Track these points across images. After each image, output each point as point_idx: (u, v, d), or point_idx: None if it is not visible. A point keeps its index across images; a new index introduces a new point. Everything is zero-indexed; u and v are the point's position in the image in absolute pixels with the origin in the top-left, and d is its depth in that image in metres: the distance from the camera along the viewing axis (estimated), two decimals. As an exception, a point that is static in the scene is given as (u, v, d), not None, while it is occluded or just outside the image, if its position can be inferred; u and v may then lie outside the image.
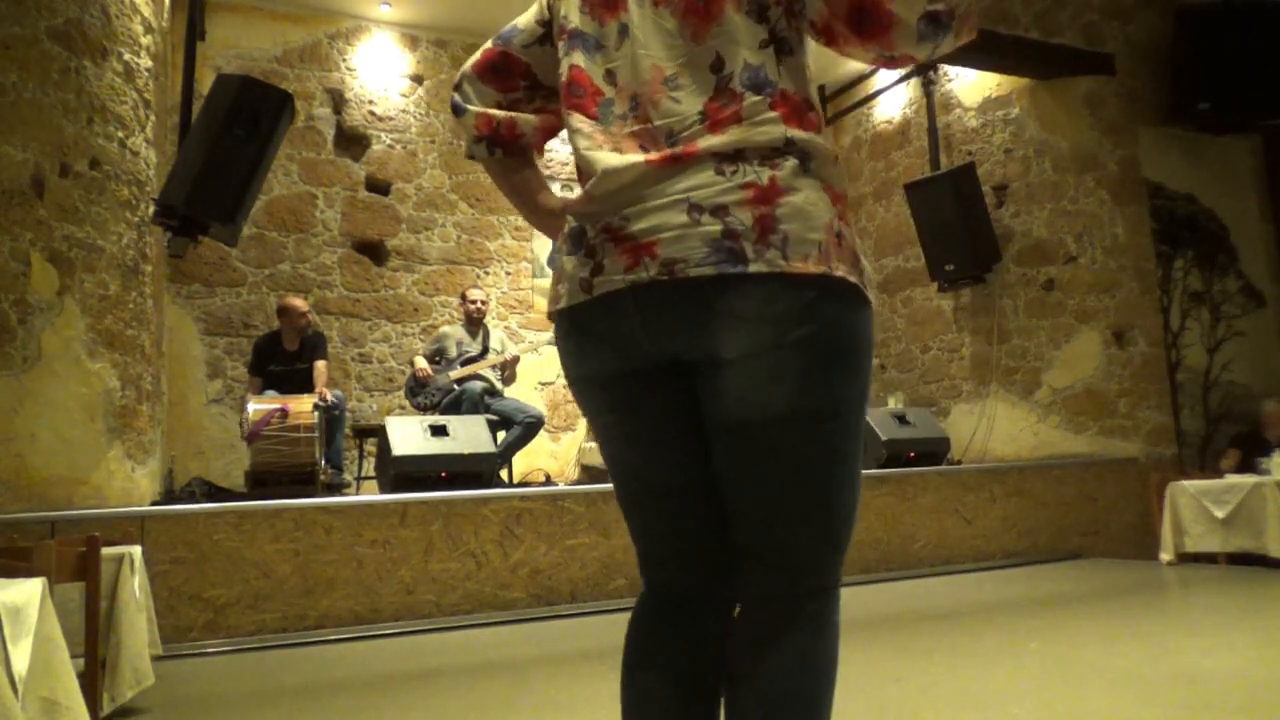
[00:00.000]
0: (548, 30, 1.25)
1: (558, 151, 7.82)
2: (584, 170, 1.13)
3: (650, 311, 1.08)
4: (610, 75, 1.14)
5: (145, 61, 4.44)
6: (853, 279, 1.06)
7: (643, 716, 1.16)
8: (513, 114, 1.27)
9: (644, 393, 1.15)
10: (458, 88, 1.29)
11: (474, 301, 6.08)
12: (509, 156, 1.28)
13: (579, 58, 1.16)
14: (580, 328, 1.15)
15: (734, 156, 1.05)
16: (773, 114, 1.06)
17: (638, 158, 1.08)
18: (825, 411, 1.06)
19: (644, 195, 1.06)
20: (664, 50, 1.10)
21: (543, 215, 1.29)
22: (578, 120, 1.15)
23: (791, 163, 1.05)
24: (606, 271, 1.09)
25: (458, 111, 1.29)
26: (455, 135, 7.43)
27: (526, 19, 1.28)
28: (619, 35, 1.13)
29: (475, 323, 6.08)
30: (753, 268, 1.02)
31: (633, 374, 1.14)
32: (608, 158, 1.10)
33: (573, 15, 1.18)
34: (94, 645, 2.43)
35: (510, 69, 1.27)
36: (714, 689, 1.18)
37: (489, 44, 1.30)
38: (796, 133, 1.06)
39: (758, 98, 1.06)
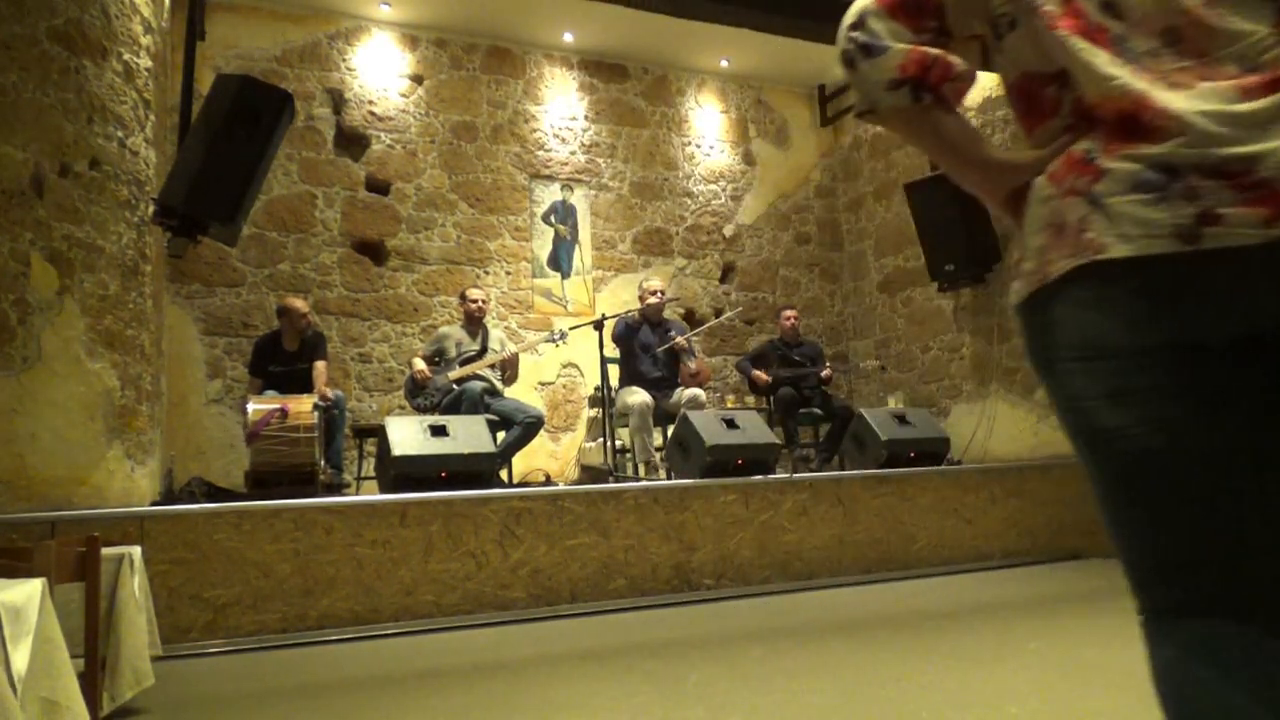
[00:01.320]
0: None
1: (556, 151, 7.83)
2: (1129, 112, 0.96)
3: None
4: (1109, 8, 0.99)
5: (145, 61, 4.44)
6: None
7: None
8: (946, 52, 1.08)
9: (1229, 370, 0.95)
10: (859, 26, 1.09)
11: (474, 301, 6.08)
12: (939, 103, 1.10)
13: None
14: (1157, 284, 0.95)
15: None
16: None
17: (1242, 88, 0.92)
18: None
19: (1265, 134, 0.90)
20: None
21: (992, 170, 1.10)
22: (1103, 57, 0.97)
23: None
24: (1227, 222, 0.91)
25: (871, 51, 1.08)
26: (455, 135, 7.43)
27: None
28: None
29: (475, 322, 6.08)
30: None
31: (1217, 347, 0.95)
32: (1176, 96, 0.94)
33: None
34: (94, 645, 2.43)
35: (922, 6, 1.09)
36: None
37: None
38: None
39: None
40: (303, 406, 5.00)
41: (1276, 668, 0.91)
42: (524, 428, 5.66)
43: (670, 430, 5.69)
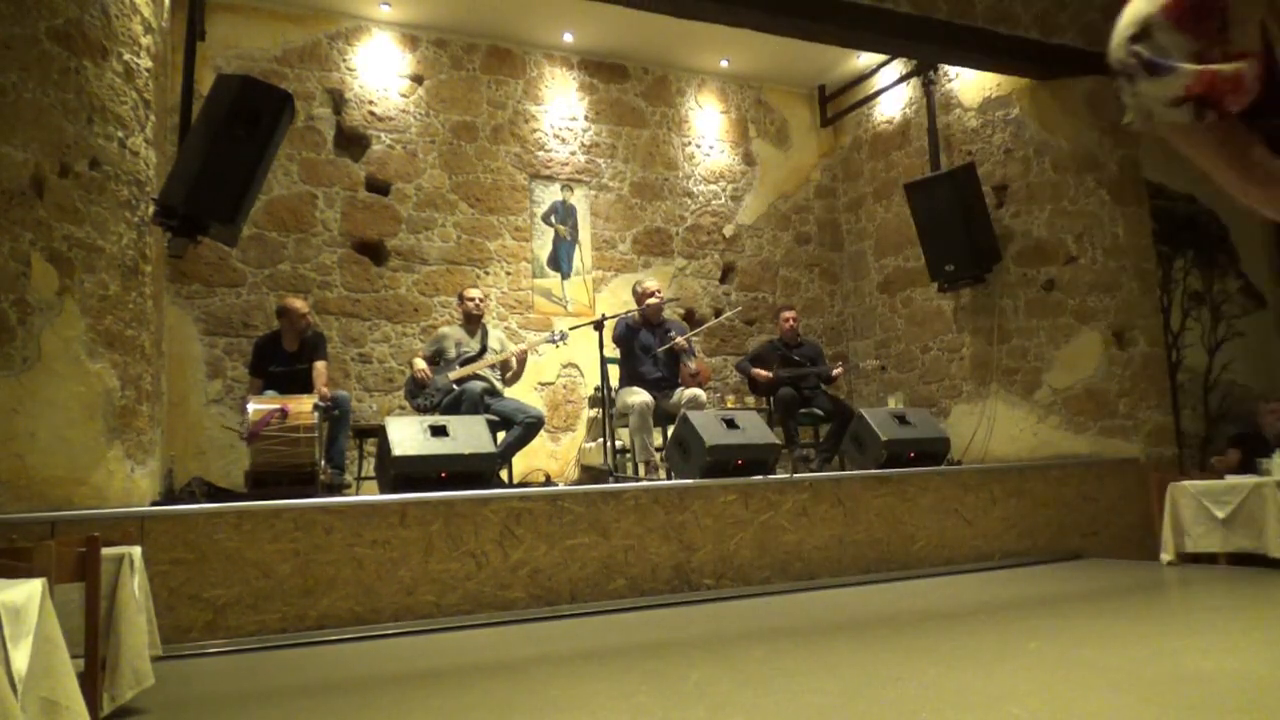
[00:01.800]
0: None
1: (556, 151, 7.83)
2: None
3: None
4: None
5: (145, 61, 4.44)
6: None
7: None
8: (1237, 69, 1.00)
9: None
10: (1141, 39, 1.01)
11: (471, 300, 6.09)
12: (1223, 119, 1.03)
13: None
14: None
15: None
16: None
17: None
18: None
19: None
20: None
21: (1276, 182, 1.04)
22: None
23: None
24: None
25: (1158, 69, 1.00)
26: (455, 135, 7.43)
27: None
28: None
29: (474, 321, 6.09)
30: None
31: None
32: None
33: None
34: (94, 645, 2.43)
35: (1208, 8, 0.99)
36: None
37: None
38: None
39: None
40: (303, 407, 5.00)
41: None
42: (524, 428, 5.66)
43: (670, 430, 5.69)
